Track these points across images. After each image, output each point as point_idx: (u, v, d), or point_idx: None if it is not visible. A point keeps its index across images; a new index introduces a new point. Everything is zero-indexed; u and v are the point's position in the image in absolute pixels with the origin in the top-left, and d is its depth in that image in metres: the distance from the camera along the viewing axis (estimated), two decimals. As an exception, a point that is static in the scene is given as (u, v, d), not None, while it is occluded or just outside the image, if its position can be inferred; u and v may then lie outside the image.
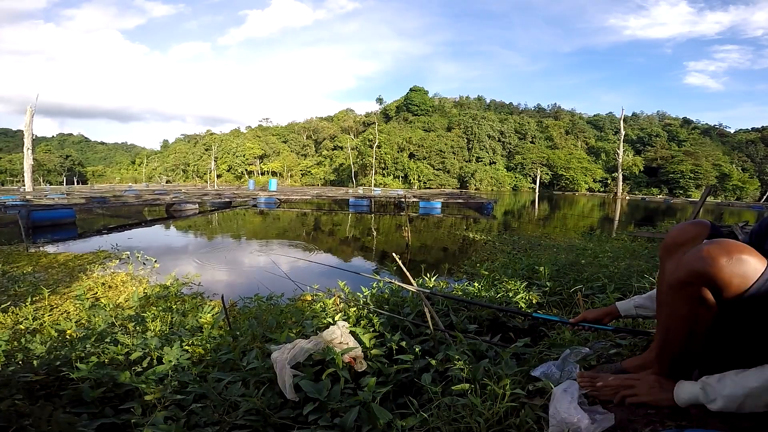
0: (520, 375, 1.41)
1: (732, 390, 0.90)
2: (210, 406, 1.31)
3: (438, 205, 19.85)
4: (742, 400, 0.87)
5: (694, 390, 0.96)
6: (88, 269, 5.43)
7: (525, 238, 8.94)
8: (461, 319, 2.26)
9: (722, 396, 0.90)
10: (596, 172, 67.11)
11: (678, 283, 0.97)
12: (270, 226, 14.01)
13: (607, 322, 1.47)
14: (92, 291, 4.30)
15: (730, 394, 0.90)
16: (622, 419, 1.04)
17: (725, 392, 0.90)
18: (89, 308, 3.06)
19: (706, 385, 0.94)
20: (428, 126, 75.43)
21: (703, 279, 0.91)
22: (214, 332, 2.23)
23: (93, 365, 1.51)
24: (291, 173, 76.54)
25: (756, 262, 0.87)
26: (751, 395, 0.86)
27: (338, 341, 1.69)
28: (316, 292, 3.30)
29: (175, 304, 3.58)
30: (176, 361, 1.68)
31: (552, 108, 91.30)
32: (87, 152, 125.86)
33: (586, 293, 2.69)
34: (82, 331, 2.10)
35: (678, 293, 0.98)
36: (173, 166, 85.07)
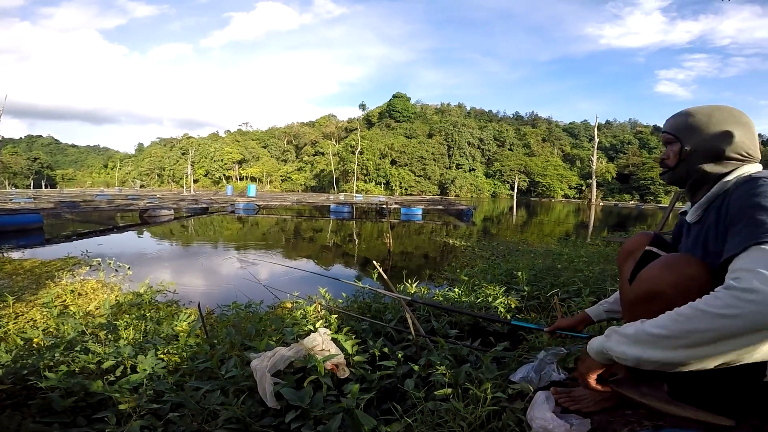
0: (501, 378, 1.42)
1: (631, 331, 0.86)
2: (188, 415, 1.27)
3: (419, 212, 19.98)
4: (640, 351, 0.82)
5: (600, 339, 0.94)
6: (56, 276, 5.21)
7: (503, 243, 9.08)
8: (442, 325, 2.27)
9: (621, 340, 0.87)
10: (571, 178, 69.06)
11: (636, 299, 1.00)
12: (249, 233, 13.78)
13: (581, 329, 1.47)
14: (60, 298, 4.12)
15: (628, 334, 0.86)
16: (601, 420, 1.06)
17: (626, 332, 0.87)
18: (57, 316, 2.93)
19: (612, 331, 0.91)
20: (410, 132, 76.12)
21: (656, 296, 0.93)
22: (190, 340, 2.18)
23: (63, 374, 1.45)
24: (271, 179, 75.68)
25: (703, 276, 0.89)
26: (650, 343, 0.81)
27: (320, 348, 1.67)
28: (296, 300, 3.26)
29: (149, 311, 3.46)
30: (151, 369, 1.63)
31: (530, 116, 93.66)
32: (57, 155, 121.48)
33: (562, 297, 2.75)
34: (50, 340, 2.01)
35: (635, 310, 1.00)
36: (148, 170, 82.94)
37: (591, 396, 1.14)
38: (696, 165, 1.06)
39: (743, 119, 1.03)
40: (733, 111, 1.05)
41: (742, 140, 1.01)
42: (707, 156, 1.04)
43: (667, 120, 1.14)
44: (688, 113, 1.09)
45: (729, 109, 1.05)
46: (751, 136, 1.03)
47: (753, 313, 0.70)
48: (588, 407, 1.12)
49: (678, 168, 1.10)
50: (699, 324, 0.75)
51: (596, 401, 1.13)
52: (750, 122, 1.04)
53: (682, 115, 1.10)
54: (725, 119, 1.03)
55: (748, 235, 0.80)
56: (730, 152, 1.01)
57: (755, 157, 1.03)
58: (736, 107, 1.06)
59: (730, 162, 1.02)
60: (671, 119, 1.13)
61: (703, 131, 1.04)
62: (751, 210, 0.84)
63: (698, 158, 1.05)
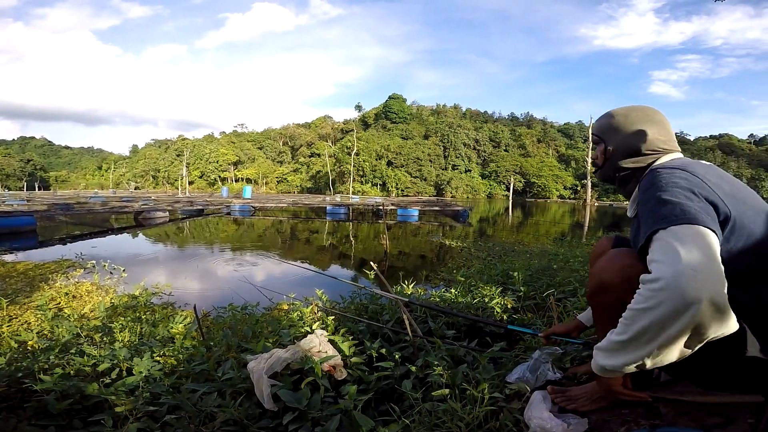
0: (498, 379, 1.43)
1: (605, 344, 0.92)
2: (185, 418, 1.27)
3: (415, 213, 20.02)
4: (615, 359, 0.88)
5: (594, 358, 0.98)
6: (50, 279, 5.17)
7: (499, 244, 9.12)
8: (439, 325, 2.28)
9: (601, 355, 0.92)
10: (566, 179, 69.37)
11: (591, 295, 1.06)
12: (244, 235, 13.74)
13: (575, 335, 1.48)
14: (55, 301, 4.09)
15: (603, 347, 0.92)
16: (598, 420, 1.07)
17: (602, 346, 0.93)
18: (52, 319, 2.90)
19: (595, 349, 0.96)
20: (406, 134, 76.19)
21: (605, 288, 1.00)
22: (186, 343, 2.16)
23: (58, 377, 1.44)
24: (266, 180, 75.47)
25: (638, 264, 0.94)
26: (618, 350, 0.87)
27: (317, 350, 1.67)
28: (292, 301, 3.25)
29: (144, 314, 3.44)
30: (147, 372, 1.62)
31: (525, 116, 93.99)
32: (50, 156, 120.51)
33: (558, 297, 2.76)
34: (44, 342, 1.99)
35: (594, 302, 1.07)
36: (143, 172, 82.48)
37: (587, 395, 1.15)
38: (618, 162, 1.14)
39: (656, 117, 1.12)
40: (647, 110, 1.13)
41: (655, 137, 1.09)
42: (626, 153, 1.12)
43: (594, 123, 1.23)
44: (609, 115, 1.17)
45: (644, 108, 1.14)
46: (664, 132, 1.11)
47: (666, 299, 0.76)
48: (584, 406, 1.12)
49: (604, 166, 1.19)
50: (639, 322, 0.81)
51: (592, 400, 1.13)
52: (663, 119, 1.12)
53: (605, 117, 1.18)
54: (640, 119, 1.11)
55: (647, 227, 0.88)
56: (645, 149, 1.10)
57: (671, 149, 1.11)
58: (651, 106, 1.15)
59: (647, 156, 1.10)
60: (597, 121, 1.21)
61: (621, 131, 1.13)
62: (649, 202, 0.92)
63: (619, 156, 1.14)
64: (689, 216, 0.83)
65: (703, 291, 0.74)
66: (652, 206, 0.90)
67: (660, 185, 0.92)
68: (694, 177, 0.93)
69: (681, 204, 0.86)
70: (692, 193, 0.89)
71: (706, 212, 0.86)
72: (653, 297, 0.78)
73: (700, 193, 0.89)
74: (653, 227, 0.86)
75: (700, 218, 0.83)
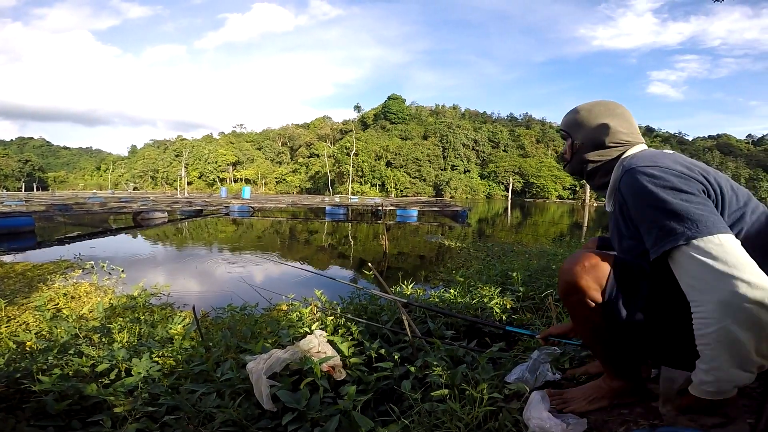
0: (497, 379, 1.43)
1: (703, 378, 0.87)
2: (184, 418, 1.27)
3: (414, 213, 20.01)
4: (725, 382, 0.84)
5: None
6: (48, 279, 5.15)
7: (498, 244, 9.12)
8: (438, 326, 2.28)
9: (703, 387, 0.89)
10: (565, 179, 69.40)
11: (561, 297, 1.08)
12: (243, 235, 13.72)
13: (573, 335, 1.49)
14: (53, 302, 4.08)
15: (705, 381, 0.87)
16: (597, 420, 1.07)
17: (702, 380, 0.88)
18: (50, 319, 2.90)
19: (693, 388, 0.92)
20: (405, 134, 76.20)
21: (571, 289, 1.02)
22: (185, 343, 2.16)
23: (56, 377, 1.44)
24: (265, 181, 75.42)
25: (602, 265, 0.98)
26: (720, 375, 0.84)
27: (316, 350, 1.67)
28: (291, 302, 3.25)
29: (143, 315, 3.44)
30: (146, 372, 1.61)
31: (524, 117, 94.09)
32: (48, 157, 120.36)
33: (557, 297, 2.76)
34: (43, 343, 1.99)
35: (566, 304, 1.09)
36: (141, 172, 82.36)
37: (584, 396, 1.15)
38: (584, 156, 1.17)
39: (618, 111, 1.15)
40: (609, 105, 1.17)
41: (617, 129, 1.12)
42: (592, 146, 1.15)
43: (562, 118, 1.25)
44: (575, 111, 1.20)
45: (606, 103, 1.17)
46: (627, 124, 1.13)
47: (731, 318, 0.78)
48: (582, 407, 1.13)
49: (572, 160, 1.22)
50: (722, 345, 0.80)
51: (590, 401, 1.14)
52: (625, 112, 1.15)
53: (571, 113, 1.21)
54: (602, 113, 1.15)
55: (655, 239, 0.89)
56: (609, 141, 1.12)
57: (635, 142, 1.13)
58: (614, 101, 1.18)
59: (612, 149, 1.13)
60: (565, 117, 1.24)
61: (585, 125, 1.16)
62: (646, 210, 0.92)
63: (585, 149, 1.17)
64: (703, 225, 0.83)
65: (757, 292, 0.77)
66: (653, 216, 0.89)
67: (649, 190, 0.91)
68: (674, 172, 0.92)
69: (688, 212, 0.85)
70: (687, 192, 0.88)
71: (711, 211, 0.86)
72: (717, 321, 0.79)
73: (692, 188, 0.89)
74: (668, 242, 0.86)
75: (713, 224, 0.83)
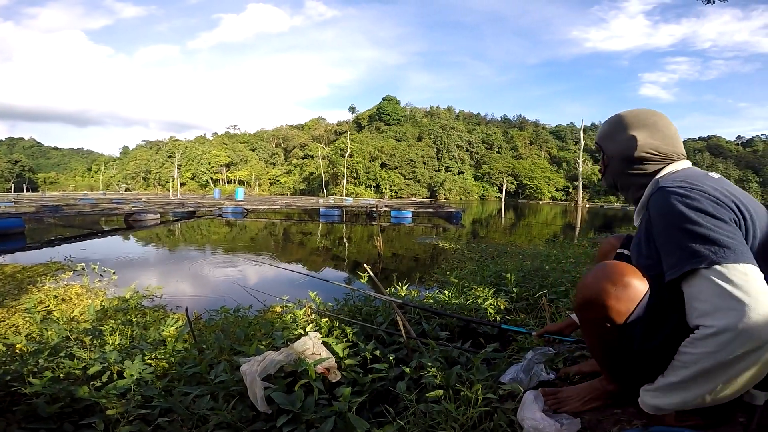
0: (491, 380, 1.43)
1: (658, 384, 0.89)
2: (177, 420, 1.26)
3: (409, 215, 20.03)
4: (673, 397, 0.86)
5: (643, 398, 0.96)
6: (38, 281, 5.09)
7: (492, 245, 9.16)
8: (433, 327, 2.28)
9: (651, 394, 0.91)
10: (558, 181, 69.96)
11: (576, 309, 1.02)
12: (237, 237, 13.65)
13: (568, 333, 1.49)
14: (44, 304, 4.03)
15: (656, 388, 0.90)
16: (591, 420, 1.08)
17: (652, 387, 0.91)
18: (41, 322, 2.86)
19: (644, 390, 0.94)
20: (400, 135, 76.31)
21: (592, 305, 0.95)
22: (178, 346, 2.14)
23: (47, 380, 1.42)
24: (259, 182, 75.12)
25: (638, 285, 0.91)
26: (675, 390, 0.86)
27: (310, 352, 1.66)
28: (285, 303, 3.23)
29: (135, 317, 3.40)
30: (138, 375, 1.60)
31: (517, 119, 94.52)
32: (39, 158, 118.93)
33: (550, 298, 2.78)
34: (33, 345, 1.96)
35: (580, 316, 1.03)
36: (133, 173, 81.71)
37: (578, 396, 1.16)
38: (616, 170, 1.11)
39: (649, 120, 1.05)
40: (641, 114, 1.07)
41: (645, 141, 1.04)
42: (620, 160, 1.09)
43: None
44: (607, 122, 1.14)
45: (640, 112, 1.08)
46: (659, 135, 1.04)
47: (737, 346, 0.76)
48: (576, 408, 1.13)
49: (605, 174, 1.17)
50: (701, 364, 0.80)
51: (584, 401, 1.14)
52: (659, 122, 1.05)
53: (603, 125, 1.16)
54: (631, 123, 1.07)
55: (676, 259, 0.85)
56: (637, 154, 1.04)
57: (671, 154, 1.04)
58: (651, 109, 1.09)
59: (645, 163, 1.05)
60: (599, 129, 1.19)
61: (613, 138, 1.10)
62: (672, 230, 0.87)
63: (615, 163, 1.11)
64: (730, 252, 0.80)
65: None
66: (679, 237, 0.85)
67: (679, 211, 0.86)
68: (708, 196, 0.87)
69: (716, 238, 0.82)
70: (719, 219, 0.84)
71: (740, 242, 0.83)
72: (720, 345, 0.77)
73: (724, 215, 0.85)
74: (689, 264, 0.83)
75: (741, 253, 0.80)
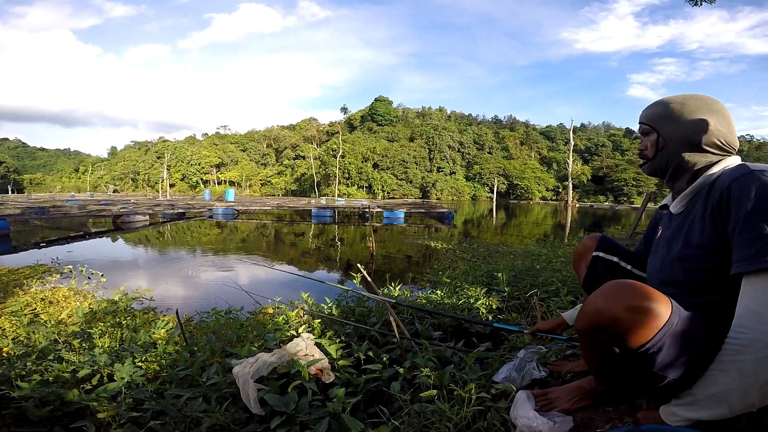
0: (484, 379, 1.45)
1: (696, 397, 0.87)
2: (170, 423, 1.25)
3: (401, 215, 20.04)
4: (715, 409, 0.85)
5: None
6: (24, 284, 4.99)
7: (484, 245, 9.20)
8: (426, 327, 2.29)
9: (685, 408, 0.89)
10: (548, 181, 70.66)
11: (582, 332, 0.94)
12: (228, 238, 13.53)
13: (559, 332, 1.49)
14: (30, 307, 3.95)
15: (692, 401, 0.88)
16: (584, 418, 1.09)
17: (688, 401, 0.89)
18: (27, 325, 2.81)
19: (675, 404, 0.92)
20: (392, 136, 76.43)
21: (602, 330, 0.87)
22: (169, 348, 2.12)
23: (36, 383, 1.40)
24: (250, 183, 74.63)
25: (659, 311, 0.83)
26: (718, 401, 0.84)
27: (303, 353, 1.66)
28: (278, 305, 3.22)
29: (124, 319, 3.36)
30: (129, 377, 1.58)
31: (508, 119, 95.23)
32: (24, 159, 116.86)
33: (541, 297, 2.80)
34: (21, 349, 1.93)
35: (584, 340, 0.97)
36: (122, 174, 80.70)
37: (567, 395, 1.17)
38: (674, 154, 1.05)
39: (716, 106, 1.02)
40: (706, 99, 1.04)
41: (717, 128, 1.00)
42: (684, 144, 1.03)
43: (643, 111, 1.13)
44: (663, 103, 1.08)
45: (702, 97, 1.05)
46: (726, 123, 1.01)
47: None
48: (565, 408, 1.14)
49: (656, 158, 1.09)
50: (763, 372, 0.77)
51: (573, 401, 1.15)
52: (723, 109, 1.02)
53: (658, 105, 1.09)
54: (698, 107, 1.02)
55: (758, 254, 0.79)
56: (706, 140, 1.00)
57: (734, 148, 1.02)
58: (709, 95, 1.05)
59: (708, 152, 1.01)
60: (647, 110, 1.12)
61: (678, 120, 1.04)
62: (760, 221, 0.80)
63: (676, 147, 1.04)
64: None
65: None
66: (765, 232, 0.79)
67: None
68: None
69: None
70: None
71: None
72: (757, 351, 0.76)
73: None
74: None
75: None
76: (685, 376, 0.87)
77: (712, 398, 0.83)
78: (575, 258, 1.37)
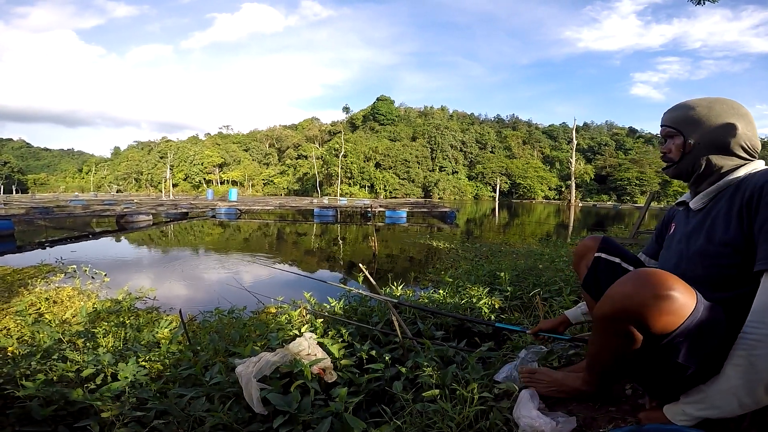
0: (487, 378, 1.44)
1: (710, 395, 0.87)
2: (173, 422, 1.25)
3: (403, 215, 20.03)
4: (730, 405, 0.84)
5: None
6: (29, 284, 5.03)
7: (486, 245, 9.19)
8: (428, 326, 2.29)
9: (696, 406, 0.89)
10: (551, 180, 70.43)
11: (604, 318, 0.93)
12: (230, 238, 13.57)
13: (562, 331, 1.50)
14: (35, 306, 3.98)
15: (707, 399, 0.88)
16: (587, 418, 1.09)
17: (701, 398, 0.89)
18: (32, 324, 2.82)
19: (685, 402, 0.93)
20: (394, 135, 76.36)
21: (629, 316, 0.87)
22: (172, 347, 2.13)
23: (41, 383, 1.41)
24: (252, 182, 74.77)
25: (686, 299, 0.84)
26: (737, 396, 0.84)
27: (306, 353, 1.66)
28: (280, 304, 3.23)
29: (128, 319, 3.37)
30: (133, 377, 1.59)
31: (510, 119, 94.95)
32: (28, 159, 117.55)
33: (544, 296, 2.80)
34: (25, 348, 1.94)
35: (604, 327, 0.95)
36: (125, 174, 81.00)
37: (546, 381, 1.24)
38: (701, 157, 1.04)
39: (742, 110, 1.03)
40: (732, 103, 1.05)
41: (744, 132, 1.01)
42: (712, 148, 1.03)
43: (666, 113, 1.13)
44: (688, 106, 1.08)
45: (727, 100, 1.05)
46: (751, 127, 1.02)
47: None
48: (540, 390, 1.21)
49: (683, 161, 1.08)
50: None
51: (548, 388, 1.23)
52: (748, 113, 1.04)
53: (683, 108, 1.09)
54: (726, 111, 1.03)
55: None
56: (734, 144, 1.01)
57: (757, 152, 1.03)
58: (734, 100, 1.06)
59: (735, 156, 1.02)
60: (671, 112, 1.11)
61: (705, 123, 1.03)
62: None
63: (703, 150, 1.04)
64: None
65: None
66: None
67: None
68: None
69: None
70: None
71: None
72: None
73: None
74: None
75: None
76: (703, 369, 0.87)
77: (724, 394, 0.84)
78: (575, 257, 1.38)
